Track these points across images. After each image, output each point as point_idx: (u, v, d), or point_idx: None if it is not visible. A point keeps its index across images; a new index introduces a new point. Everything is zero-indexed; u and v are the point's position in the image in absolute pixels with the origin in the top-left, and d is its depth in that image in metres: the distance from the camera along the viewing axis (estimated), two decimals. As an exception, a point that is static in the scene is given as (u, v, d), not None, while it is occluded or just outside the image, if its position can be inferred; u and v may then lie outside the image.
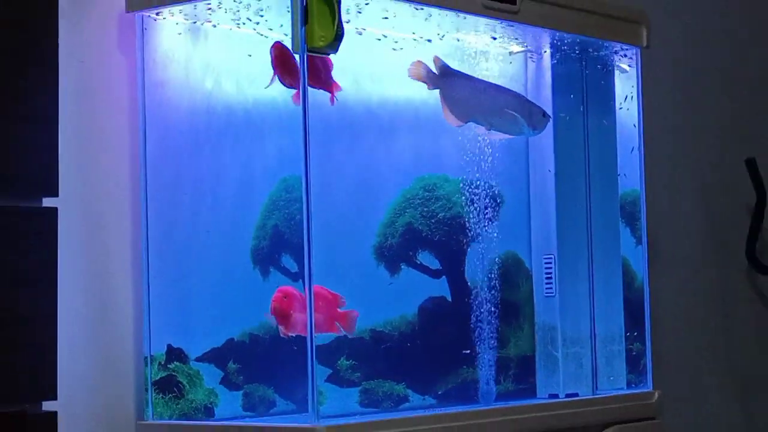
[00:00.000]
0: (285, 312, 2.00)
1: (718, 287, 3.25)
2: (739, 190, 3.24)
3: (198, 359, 2.14)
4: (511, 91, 2.40)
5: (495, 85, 2.40)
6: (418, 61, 2.26)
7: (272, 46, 2.06)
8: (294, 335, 2.00)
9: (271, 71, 2.04)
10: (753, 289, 3.33)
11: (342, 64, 2.07)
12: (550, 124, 2.40)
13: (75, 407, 2.05)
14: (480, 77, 2.40)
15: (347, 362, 2.19)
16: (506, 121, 2.34)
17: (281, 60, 2.03)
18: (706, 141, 3.21)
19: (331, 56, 2.01)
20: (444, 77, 2.28)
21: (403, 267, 2.28)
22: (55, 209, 1.97)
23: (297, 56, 2.00)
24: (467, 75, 2.35)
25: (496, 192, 2.36)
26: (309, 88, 1.99)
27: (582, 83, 2.47)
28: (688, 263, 3.14)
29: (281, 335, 2.03)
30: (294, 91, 2.03)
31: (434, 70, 2.27)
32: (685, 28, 3.16)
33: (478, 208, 2.33)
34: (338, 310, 2.06)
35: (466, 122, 2.31)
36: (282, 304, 2.01)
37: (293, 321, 1.99)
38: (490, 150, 2.33)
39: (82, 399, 2.07)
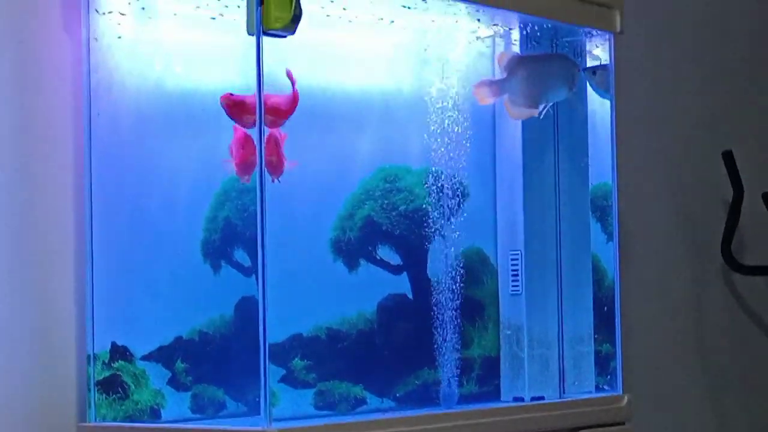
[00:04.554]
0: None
1: (692, 286, 3.13)
2: (715, 184, 3.12)
3: (144, 358, 2.03)
4: (552, 54, 2.33)
5: (545, 54, 2.32)
6: (477, 86, 2.22)
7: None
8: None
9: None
10: (728, 288, 3.21)
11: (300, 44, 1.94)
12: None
13: (12, 408, 1.96)
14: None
15: (302, 362, 2.10)
16: (556, 92, 2.30)
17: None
18: (681, 132, 3.09)
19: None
20: (509, 74, 2.22)
21: (362, 262, 2.19)
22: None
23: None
24: (529, 57, 2.28)
25: (461, 184, 2.26)
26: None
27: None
28: (660, 261, 3.02)
29: (242, 182, 1.97)
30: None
31: (499, 71, 2.22)
32: (662, 15, 3.04)
33: (441, 201, 2.25)
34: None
35: (539, 108, 2.26)
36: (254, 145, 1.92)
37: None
38: (456, 140, 2.25)
39: (19, 399, 1.97)
